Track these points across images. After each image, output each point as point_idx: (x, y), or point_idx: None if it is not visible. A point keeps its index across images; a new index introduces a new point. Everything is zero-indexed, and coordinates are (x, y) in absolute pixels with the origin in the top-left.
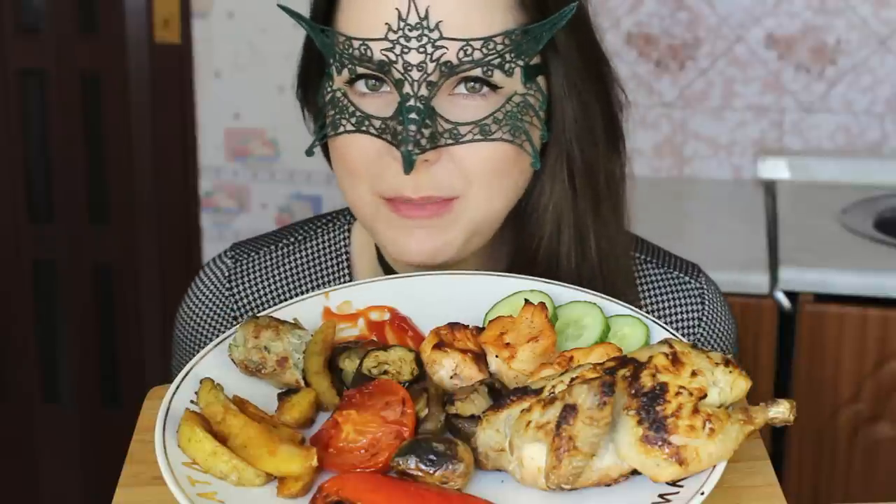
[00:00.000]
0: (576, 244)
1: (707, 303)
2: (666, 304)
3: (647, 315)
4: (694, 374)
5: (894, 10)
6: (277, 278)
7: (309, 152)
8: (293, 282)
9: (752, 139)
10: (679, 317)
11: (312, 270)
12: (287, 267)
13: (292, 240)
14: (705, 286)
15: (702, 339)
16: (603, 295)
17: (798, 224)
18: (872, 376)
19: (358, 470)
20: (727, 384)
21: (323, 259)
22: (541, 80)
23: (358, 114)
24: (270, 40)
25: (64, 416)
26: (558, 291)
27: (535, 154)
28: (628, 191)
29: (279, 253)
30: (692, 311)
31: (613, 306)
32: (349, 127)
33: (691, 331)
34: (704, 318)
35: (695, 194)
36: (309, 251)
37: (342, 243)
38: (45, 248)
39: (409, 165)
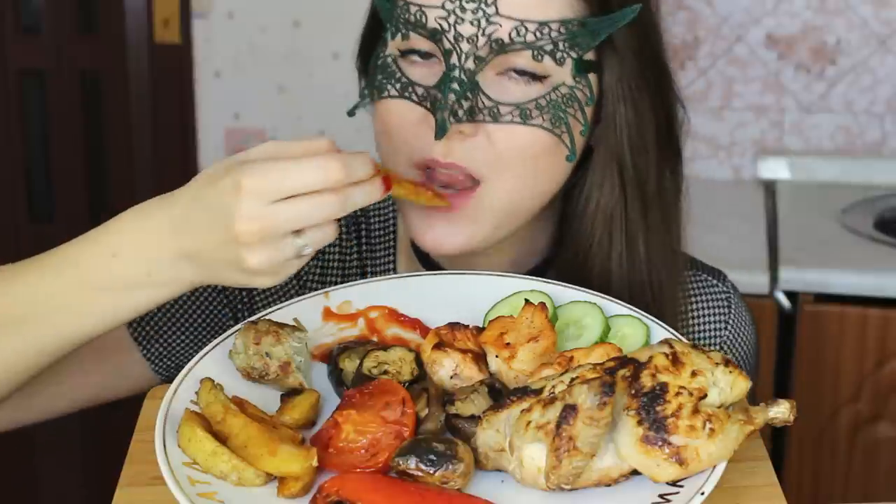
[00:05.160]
0: (626, 250)
1: (733, 307)
2: (694, 306)
3: (646, 315)
4: (694, 374)
5: (894, 10)
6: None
7: (351, 112)
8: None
9: (752, 139)
10: (706, 319)
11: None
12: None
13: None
14: (731, 291)
15: (727, 343)
16: (603, 295)
17: (798, 224)
18: (872, 376)
19: (358, 470)
20: (727, 384)
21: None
22: (592, 77)
23: (403, 80)
24: (270, 40)
25: (64, 416)
26: (558, 291)
27: (572, 146)
28: (683, 209)
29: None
30: (719, 314)
31: (613, 306)
32: (393, 92)
33: (717, 333)
34: (731, 322)
35: (695, 194)
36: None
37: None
38: (45, 248)
39: (441, 130)
